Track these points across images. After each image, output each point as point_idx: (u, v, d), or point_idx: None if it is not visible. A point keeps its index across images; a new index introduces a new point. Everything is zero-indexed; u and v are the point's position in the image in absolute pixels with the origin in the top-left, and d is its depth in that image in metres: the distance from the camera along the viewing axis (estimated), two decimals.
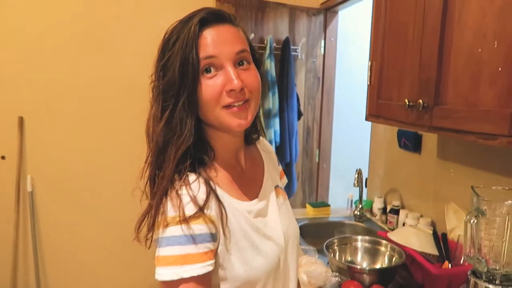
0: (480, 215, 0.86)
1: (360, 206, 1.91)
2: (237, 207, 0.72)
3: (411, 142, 1.66)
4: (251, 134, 0.86)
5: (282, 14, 2.34)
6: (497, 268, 0.89)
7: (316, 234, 1.81)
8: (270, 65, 2.24)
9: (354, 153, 2.70)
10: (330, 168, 2.68)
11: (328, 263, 1.37)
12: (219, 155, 0.75)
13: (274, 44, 2.29)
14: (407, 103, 1.07)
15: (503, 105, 0.80)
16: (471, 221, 0.85)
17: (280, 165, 0.98)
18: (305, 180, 2.62)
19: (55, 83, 2.06)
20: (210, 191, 0.67)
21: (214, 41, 0.67)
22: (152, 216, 0.66)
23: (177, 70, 0.66)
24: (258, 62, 0.76)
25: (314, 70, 2.50)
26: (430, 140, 1.58)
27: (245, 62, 0.70)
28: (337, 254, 1.41)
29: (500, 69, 0.80)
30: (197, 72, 0.66)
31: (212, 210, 0.66)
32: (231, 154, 0.78)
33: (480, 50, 0.85)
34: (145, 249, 0.69)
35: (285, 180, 0.99)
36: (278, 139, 2.28)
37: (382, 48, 1.26)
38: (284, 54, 2.31)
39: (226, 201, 0.70)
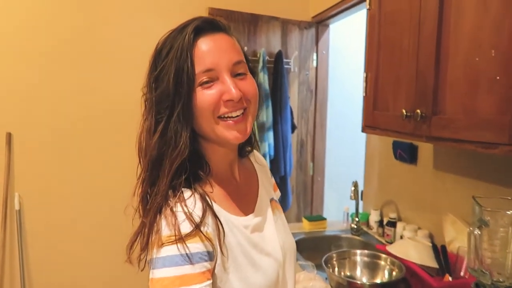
0: (483, 226, 0.84)
1: (357, 219, 1.88)
2: (234, 222, 0.69)
3: (406, 153, 1.65)
4: (245, 147, 0.84)
5: (274, 27, 2.35)
6: (501, 280, 0.87)
7: (313, 249, 1.77)
8: (263, 78, 2.23)
9: (348, 165, 2.69)
10: (324, 181, 2.66)
11: (327, 278, 1.33)
12: (214, 169, 0.72)
13: (267, 57, 2.29)
14: (405, 113, 1.06)
15: (502, 112, 0.79)
16: (475, 232, 0.83)
17: (272, 177, 0.95)
18: (299, 193, 2.58)
19: (45, 98, 2.02)
20: (207, 207, 0.64)
21: (210, 51, 0.65)
22: (145, 235, 0.63)
23: (172, 81, 0.64)
24: (253, 72, 0.74)
25: (307, 83, 2.51)
26: (426, 151, 1.57)
27: (241, 73, 0.69)
28: (336, 269, 1.38)
29: (498, 77, 0.80)
30: (192, 82, 0.64)
31: (209, 227, 0.63)
32: (225, 167, 0.76)
33: (477, 59, 0.85)
34: (138, 271, 0.65)
35: (278, 193, 0.96)
36: (272, 153, 2.26)
37: (377, 59, 1.26)
38: (277, 67, 2.31)
39: (223, 216, 0.67)
